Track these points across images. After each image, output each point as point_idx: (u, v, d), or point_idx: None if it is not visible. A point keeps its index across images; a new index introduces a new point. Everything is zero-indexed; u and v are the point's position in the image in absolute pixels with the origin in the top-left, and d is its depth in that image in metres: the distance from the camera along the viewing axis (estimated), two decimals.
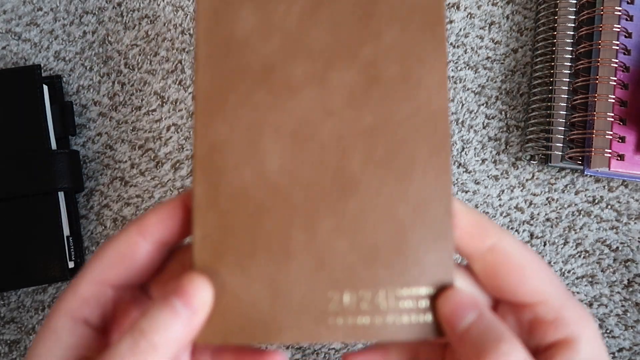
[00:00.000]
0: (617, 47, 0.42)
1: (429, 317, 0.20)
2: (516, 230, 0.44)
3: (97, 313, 0.22)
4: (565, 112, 0.43)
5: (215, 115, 0.21)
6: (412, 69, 0.21)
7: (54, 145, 0.44)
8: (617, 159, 0.41)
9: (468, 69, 0.46)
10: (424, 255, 0.21)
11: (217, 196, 0.21)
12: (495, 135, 0.45)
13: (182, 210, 0.21)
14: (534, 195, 0.45)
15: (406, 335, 0.20)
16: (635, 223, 0.44)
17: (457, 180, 0.45)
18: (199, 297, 0.20)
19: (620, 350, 0.43)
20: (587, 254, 0.44)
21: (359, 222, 0.21)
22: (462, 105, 0.46)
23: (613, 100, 0.41)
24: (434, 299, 0.20)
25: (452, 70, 0.46)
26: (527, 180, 0.45)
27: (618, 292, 0.43)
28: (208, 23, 0.22)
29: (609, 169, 0.41)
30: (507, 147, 0.45)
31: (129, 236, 0.21)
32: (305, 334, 0.20)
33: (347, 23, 0.22)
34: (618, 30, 0.42)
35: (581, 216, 0.44)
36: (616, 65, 0.42)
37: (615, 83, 0.41)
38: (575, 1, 0.44)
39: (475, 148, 0.45)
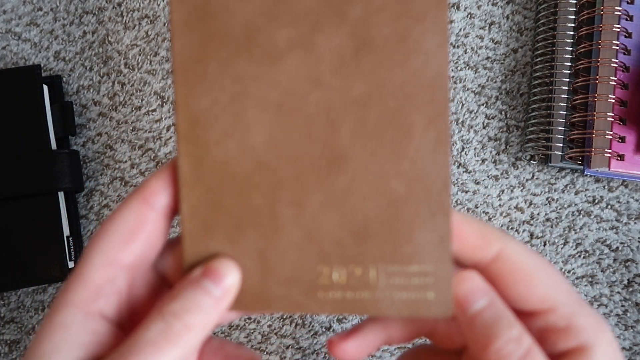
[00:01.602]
0: (617, 47, 0.42)
1: (426, 294, 0.20)
2: (516, 230, 0.44)
3: (112, 303, 0.20)
4: (565, 112, 0.43)
5: (196, 86, 0.20)
6: (408, 30, 0.19)
7: (54, 145, 0.44)
8: (617, 159, 0.41)
9: (468, 69, 0.46)
10: (418, 232, 0.20)
11: (202, 171, 0.20)
12: (495, 135, 0.45)
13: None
14: (534, 195, 0.45)
15: (395, 311, 0.20)
16: (635, 223, 0.44)
17: (457, 180, 0.45)
18: (229, 278, 0.20)
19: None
20: (587, 254, 0.44)
21: (349, 197, 0.20)
22: (462, 105, 0.46)
23: (613, 100, 0.41)
24: (436, 277, 0.20)
25: (452, 70, 0.46)
26: (527, 180, 0.45)
27: (618, 292, 0.43)
28: None
29: (609, 169, 0.41)
30: (507, 147, 0.45)
31: (135, 207, 0.20)
32: (294, 305, 0.20)
33: None
34: (618, 30, 0.42)
35: (581, 216, 0.44)
36: (616, 65, 0.42)
37: (615, 83, 0.41)
38: (575, 1, 0.44)
39: (475, 148, 0.45)
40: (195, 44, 0.20)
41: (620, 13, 0.42)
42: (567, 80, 0.43)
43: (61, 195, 0.43)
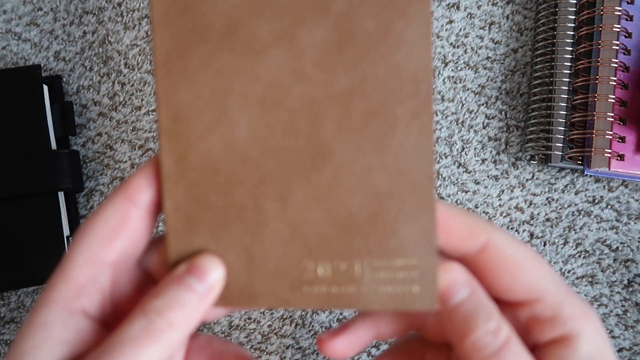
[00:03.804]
0: (617, 47, 0.42)
1: (412, 288, 0.20)
2: (516, 230, 0.44)
3: (95, 300, 0.20)
4: (565, 112, 0.43)
5: (178, 80, 0.20)
6: (391, 22, 0.19)
7: (54, 145, 0.44)
8: (617, 159, 0.41)
9: (468, 69, 0.46)
10: (403, 225, 0.19)
11: (185, 167, 0.20)
12: (495, 135, 0.45)
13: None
14: (534, 195, 0.45)
15: (381, 304, 0.20)
16: (635, 223, 0.44)
17: (457, 180, 0.45)
18: (214, 274, 0.20)
19: (620, 350, 0.43)
20: (587, 254, 0.44)
21: (333, 191, 0.20)
22: (462, 105, 0.46)
23: (613, 100, 0.41)
24: (421, 271, 0.20)
25: (452, 70, 0.46)
26: (527, 180, 0.45)
27: (618, 292, 0.43)
28: None
29: (609, 169, 0.41)
30: (507, 147, 0.45)
31: (118, 205, 0.20)
32: (280, 300, 0.20)
33: None
34: (618, 30, 0.42)
35: (581, 216, 0.44)
36: (616, 65, 0.42)
37: (615, 83, 0.41)
38: (575, 1, 0.44)
39: (475, 148, 0.45)
40: (176, 38, 0.20)
41: (620, 13, 0.42)
42: (567, 80, 0.43)
43: (61, 195, 0.43)
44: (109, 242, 0.20)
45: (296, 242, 0.20)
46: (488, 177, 0.45)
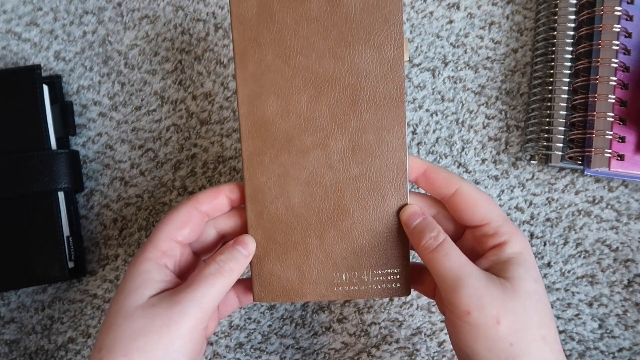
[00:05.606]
0: (617, 47, 0.42)
1: (396, 285, 0.33)
2: None
3: (171, 261, 0.32)
4: (565, 112, 0.43)
5: (256, 169, 0.32)
6: (382, 137, 0.32)
7: (54, 145, 0.44)
8: (617, 159, 0.41)
9: (468, 69, 0.46)
10: (390, 251, 0.33)
11: (261, 219, 0.33)
12: (495, 135, 0.45)
13: (220, 195, 0.32)
14: (534, 195, 0.45)
15: (379, 295, 0.33)
16: (635, 223, 0.44)
17: None
18: (251, 246, 0.32)
19: (620, 350, 0.43)
20: (587, 254, 0.44)
21: (350, 233, 0.33)
22: (462, 105, 0.46)
23: (613, 100, 0.41)
24: (401, 275, 0.33)
25: (452, 70, 0.46)
26: (527, 180, 0.45)
27: (618, 292, 0.43)
28: (246, 108, 0.32)
29: (609, 169, 0.41)
30: (507, 147, 0.45)
31: (188, 208, 0.32)
32: (319, 295, 0.33)
33: (339, 107, 0.32)
34: (618, 30, 0.42)
35: (581, 216, 0.44)
36: (616, 65, 0.42)
37: (615, 83, 0.41)
38: (575, 1, 0.44)
39: (475, 148, 0.45)
40: (256, 144, 0.32)
41: (620, 13, 0.42)
42: (567, 80, 0.43)
43: (61, 195, 0.43)
44: (180, 229, 0.31)
45: (328, 262, 0.33)
46: (488, 177, 0.45)
